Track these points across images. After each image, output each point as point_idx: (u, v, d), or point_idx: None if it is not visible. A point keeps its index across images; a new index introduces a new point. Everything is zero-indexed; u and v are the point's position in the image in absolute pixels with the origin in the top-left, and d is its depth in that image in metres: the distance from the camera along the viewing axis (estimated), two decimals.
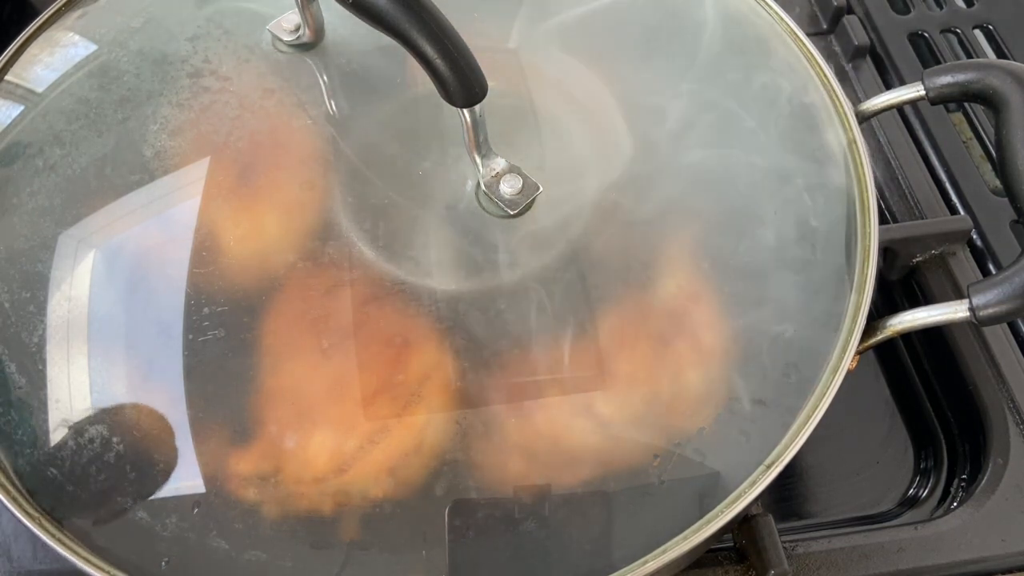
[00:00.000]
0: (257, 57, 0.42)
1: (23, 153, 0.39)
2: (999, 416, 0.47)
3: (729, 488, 0.34)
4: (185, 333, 0.35)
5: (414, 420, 0.34)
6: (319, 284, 0.36)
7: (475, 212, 0.38)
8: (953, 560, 0.43)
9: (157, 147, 0.39)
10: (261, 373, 0.35)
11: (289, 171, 0.39)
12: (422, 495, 0.34)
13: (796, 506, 0.48)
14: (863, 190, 0.40)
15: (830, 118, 0.43)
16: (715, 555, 0.42)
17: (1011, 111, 0.39)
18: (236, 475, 0.34)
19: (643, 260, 0.38)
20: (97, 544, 0.33)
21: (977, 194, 0.54)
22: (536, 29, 0.44)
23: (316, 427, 0.34)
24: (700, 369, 0.37)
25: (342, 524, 0.34)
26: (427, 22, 0.32)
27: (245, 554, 0.33)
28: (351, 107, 0.41)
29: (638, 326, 0.37)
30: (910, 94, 0.43)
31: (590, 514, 0.34)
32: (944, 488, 0.48)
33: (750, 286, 0.38)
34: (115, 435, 0.34)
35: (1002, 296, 0.36)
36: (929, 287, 0.51)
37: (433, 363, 0.35)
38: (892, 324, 0.38)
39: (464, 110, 0.35)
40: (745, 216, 0.40)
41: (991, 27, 0.63)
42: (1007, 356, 0.48)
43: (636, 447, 0.35)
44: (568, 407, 0.35)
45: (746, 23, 0.46)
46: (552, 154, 0.40)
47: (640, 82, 0.43)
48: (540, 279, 0.37)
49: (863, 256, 0.39)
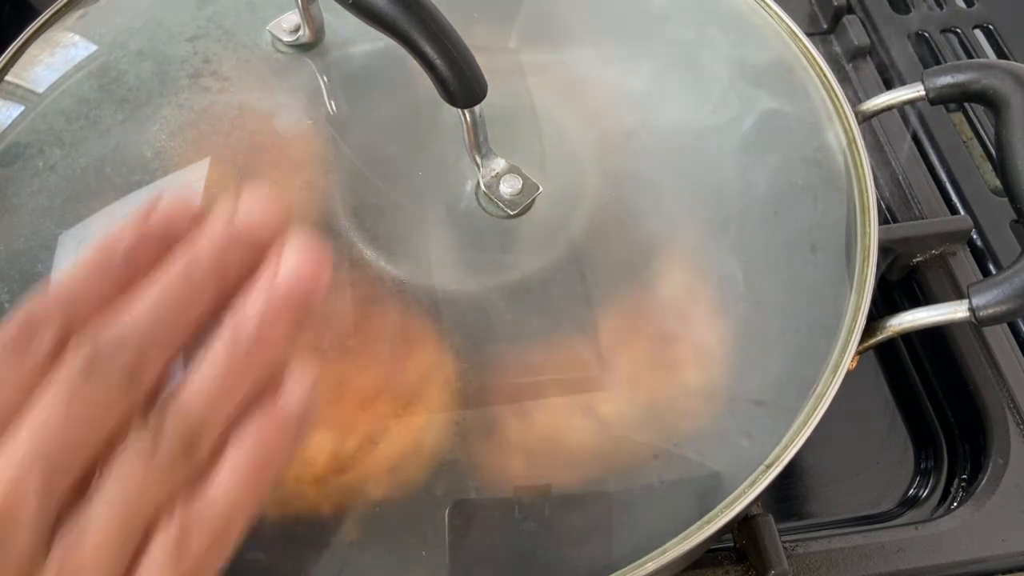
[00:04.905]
0: (257, 57, 0.42)
1: (23, 153, 0.39)
2: (999, 416, 0.47)
3: (729, 488, 0.34)
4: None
5: (414, 420, 0.34)
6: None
7: (475, 212, 0.38)
8: (953, 560, 0.43)
9: (157, 147, 0.39)
10: None
11: (289, 171, 0.39)
12: (422, 495, 0.34)
13: (796, 506, 0.48)
14: (863, 190, 0.40)
15: (830, 118, 0.43)
16: (715, 555, 0.42)
17: (1011, 111, 0.39)
18: None
19: (643, 260, 0.38)
20: None
21: (977, 194, 0.54)
22: (536, 29, 0.44)
23: (316, 427, 0.34)
24: (700, 369, 0.37)
25: (342, 524, 0.34)
26: (427, 22, 0.32)
27: (245, 554, 0.33)
28: (351, 107, 0.41)
29: (638, 326, 0.37)
30: (910, 94, 0.43)
31: (590, 514, 0.34)
32: (944, 488, 0.48)
33: (750, 286, 0.38)
34: None
35: (1002, 296, 0.36)
36: (929, 287, 0.51)
37: (433, 363, 0.35)
38: (892, 324, 0.38)
39: (464, 110, 0.35)
40: (745, 216, 0.40)
41: (991, 27, 0.63)
42: (1007, 356, 0.48)
43: (636, 447, 0.35)
44: (568, 407, 0.35)
45: (746, 23, 0.46)
46: (552, 154, 0.40)
47: (640, 82, 0.43)
48: (540, 279, 0.37)
49: (863, 256, 0.39)
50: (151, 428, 0.21)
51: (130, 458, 0.21)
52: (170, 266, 0.22)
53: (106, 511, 0.20)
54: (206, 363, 0.22)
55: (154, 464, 0.21)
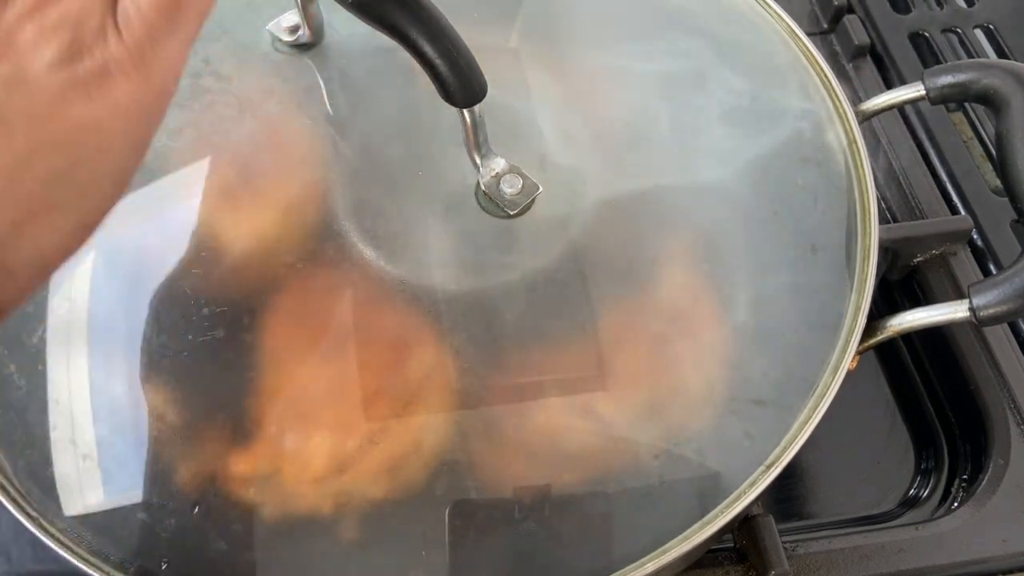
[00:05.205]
0: (257, 57, 0.42)
1: None
2: (1000, 416, 0.47)
3: (729, 488, 0.34)
4: (185, 333, 0.35)
5: (414, 420, 0.34)
6: (319, 284, 0.36)
7: (475, 212, 0.38)
8: (954, 560, 0.43)
9: (157, 147, 0.39)
10: (261, 373, 0.35)
11: (289, 171, 0.39)
12: (422, 495, 0.34)
13: (796, 506, 0.48)
14: (863, 190, 0.40)
15: (830, 118, 0.43)
16: (715, 555, 0.42)
17: (1011, 111, 0.39)
18: (236, 475, 0.34)
19: (643, 260, 0.38)
20: (97, 545, 0.33)
21: (977, 194, 0.54)
22: (536, 29, 0.44)
23: (316, 427, 0.34)
24: (700, 369, 0.37)
25: (342, 524, 0.34)
26: (427, 22, 0.32)
27: (245, 554, 0.33)
28: (351, 107, 0.41)
29: (638, 326, 0.37)
30: (910, 94, 0.43)
31: (590, 514, 0.34)
32: (945, 488, 0.48)
33: (750, 286, 0.38)
34: (115, 435, 0.34)
35: (1002, 296, 0.36)
36: (929, 287, 0.51)
37: (433, 363, 0.35)
38: (892, 324, 0.38)
39: (464, 110, 0.35)
40: (745, 216, 0.40)
41: (991, 27, 0.63)
42: (1008, 356, 0.48)
43: (636, 447, 0.35)
44: (568, 407, 0.35)
45: (746, 23, 0.46)
46: (552, 154, 0.40)
47: (640, 82, 0.43)
48: (540, 279, 0.37)
49: (863, 256, 0.39)
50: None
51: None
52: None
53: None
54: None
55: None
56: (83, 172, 0.24)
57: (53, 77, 0.23)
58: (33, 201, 0.23)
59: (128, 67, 0.24)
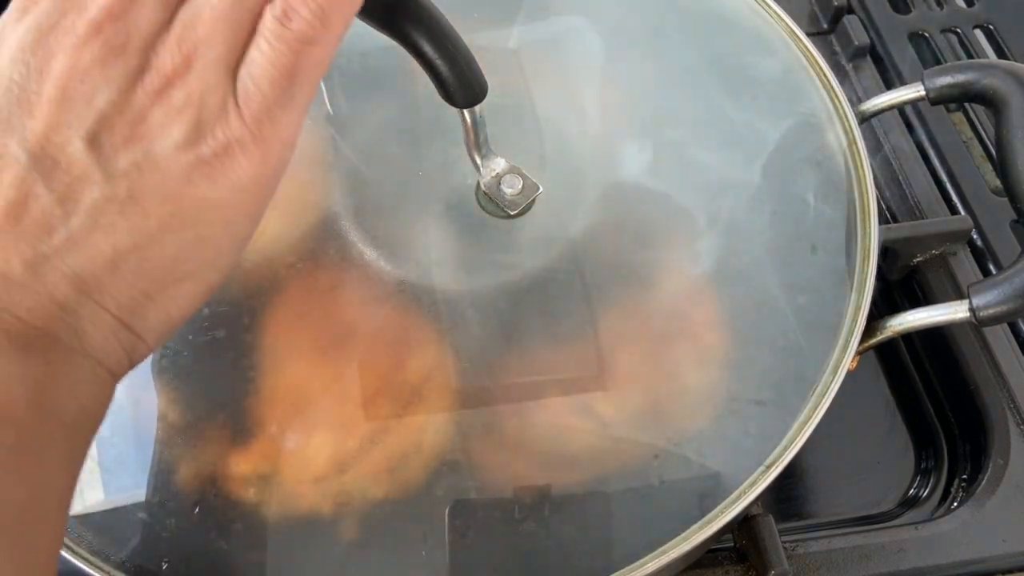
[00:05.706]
0: None
1: None
2: (1000, 416, 0.47)
3: (729, 488, 0.34)
4: (185, 333, 0.35)
5: (414, 420, 0.34)
6: (319, 284, 0.36)
7: (475, 212, 0.38)
8: (954, 560, 0.43)
9: None
10: (261, 373, 0.35)
11: (289, 171, 0.39)
12: (422, 495, 0.34)
13: (796, 506, 0.48)
14: (863, 190, 0.40)
15: (830, 118, 0.43)
16: (715, 555, 0.42)
17: (1011, 111, 0.39)
18: (236, 475, 0.34)
19: (643, 260, 0.38)
20: (97, 545, 0.33)
21: (977, 194, 0.54)
22: (536, 29, 0.44)
23: (316, 427, 0.34)
24: (700, 369, 0.37)
25: (342, 524, 0.34)
26: (427, 22, 0.32)
27: (246, 554, 0.33)
28: (351, 107, 0.41)
29: (638, 326, 0.37)
30: (910, 94, 0.43)
31: (590, 514, 0.34)
32: (945, 488, 0.48)
33: (750, 286, 0.38)
34: (115, 435, 0.34)
35: (1002, 296, 0.36)
36: (929, 287, 0.51)
37: (433, 363, 0.35)
38: (892, 324, 0.38)
39: (464, 110, 0.35)
40: (745, 216, 0.40)
41: (991, 27, 0.63)
42: (1008, 356, 0.48)
43: (636, 447, 0.35)
44: (568, 407, 0.35)
45: (746, 23, 0.46)
46: (552, 154, 0.40)
47: (640, 81, 0.43)
48: (540, 279, 0.37)
49: (863, 256, 0.39)
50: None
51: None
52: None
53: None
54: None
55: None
56: (208, 247, 0.25)
57: (180, 158, 0.23)
58: (163, 275, 0.24)
59: (249, 144, 0.24)
